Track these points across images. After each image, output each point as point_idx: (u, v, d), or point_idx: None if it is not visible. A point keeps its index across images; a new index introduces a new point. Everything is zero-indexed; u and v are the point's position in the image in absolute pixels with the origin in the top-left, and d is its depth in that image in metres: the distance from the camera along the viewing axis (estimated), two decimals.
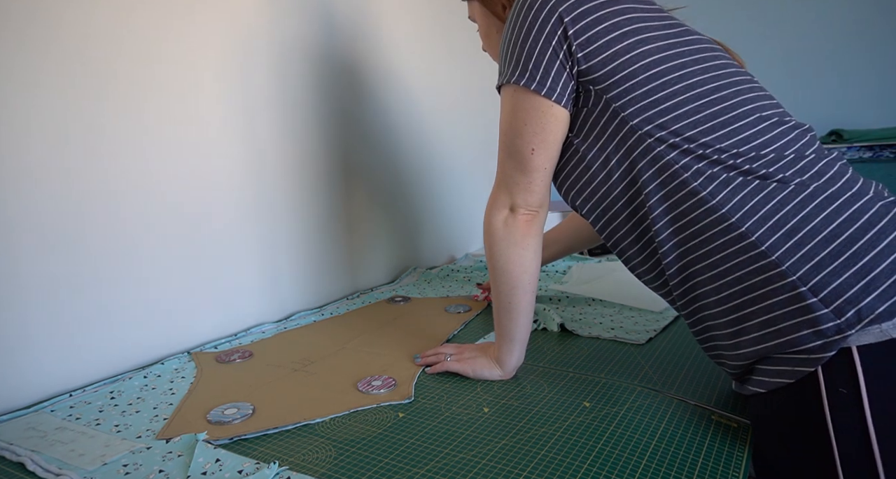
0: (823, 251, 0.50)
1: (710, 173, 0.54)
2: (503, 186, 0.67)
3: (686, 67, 0.57)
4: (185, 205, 0.88)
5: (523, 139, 0.63)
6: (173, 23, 0.84)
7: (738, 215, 0.53)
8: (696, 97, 0.56)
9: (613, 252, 0.68)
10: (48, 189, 0.71)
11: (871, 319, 0.47)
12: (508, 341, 0.72)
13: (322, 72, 1.12)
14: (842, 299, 0.48)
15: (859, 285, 0.48)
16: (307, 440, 0.60)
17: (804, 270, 0.50)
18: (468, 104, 1.66)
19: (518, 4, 0.63)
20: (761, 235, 0.52)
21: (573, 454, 0.56)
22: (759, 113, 0.56)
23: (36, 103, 0.70)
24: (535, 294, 0.71)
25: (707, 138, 0.55)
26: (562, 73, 0.59)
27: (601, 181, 0.62)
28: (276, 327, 1.00)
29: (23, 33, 0.68)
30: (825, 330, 0.49)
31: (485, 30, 0.81)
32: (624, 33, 0.58)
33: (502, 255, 0.68)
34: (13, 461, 0.57)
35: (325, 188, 1.15)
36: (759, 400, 0.57)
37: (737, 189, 0.53)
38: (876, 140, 1.62)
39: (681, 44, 0.59)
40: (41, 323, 0.71)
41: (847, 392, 0.49)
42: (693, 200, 0.55)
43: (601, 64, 0.58)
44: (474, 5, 0.81)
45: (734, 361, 0.57)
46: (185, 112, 0.87)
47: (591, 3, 0.59)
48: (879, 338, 0.48)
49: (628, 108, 0.57)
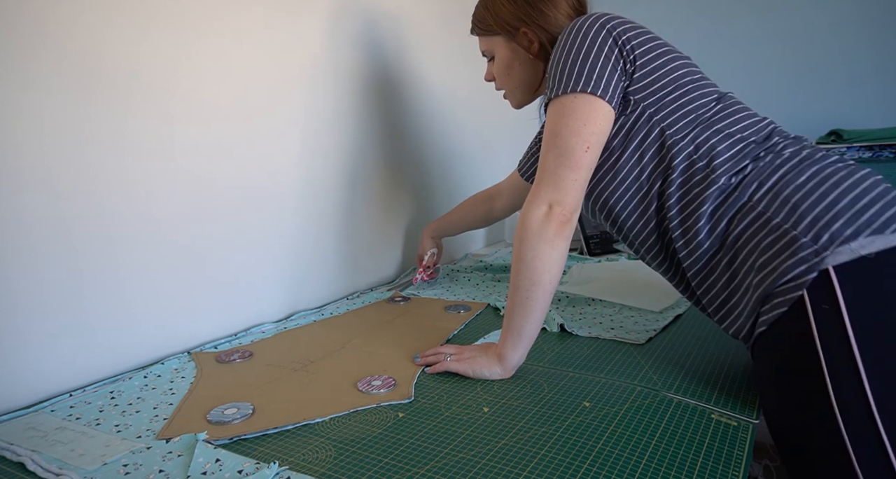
0: (797, 195, 0.62)
1: (713, 156, 0.68)
2: (548, 184, 0.71)
3: (697, 82, 0.73)
4: (185, 205, 0.88)
5: (580, 138, 0.70)
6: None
7: (733, 181, 0.67)
8: (706, 107, 0.72)
9: (625, 237, 0.78)
10: (48, 189, 0.71)
11: (841, 240, 0.58)
12: (516, 337, 0.73)
13: (318, 72, 1.12)
14: (816, 227, 0.59)
15: (828, 215, 0.59)
16: (307, 440, 0.60)
17: (785, 212, 0.62)
18: (472, 107, 1.66)
19: (574, 28, 0.74)
20: (751, 193, 0.65)
21: (573, 454, 0.56)
22: (747, 118, 0.71)
23: (35, 104, 0.70)
24: (552, 297, 0.73)
25: (715, 137, 0.69)
26: (618, 84, 0.71)
27: (635, 176, 0.73)
28: (276, 327, 1.00)
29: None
30: (806, 256, 0.59)
31: (507, 63, 0.90)
32: (659, 54, 0.72)
33: (531, 249, 0.70)
34: (13, 461, 0.57)
35: (326, 189, 1.15)
36: (761, 346, 0.64)
37: (733, 165, 0.67)
38: (876, 140, 1.62)
39: (690, 64, 0.75)
40: (41, 323, 0.71)
41: (829, 308, 0.57)
42: (701, 176, 0.68)
43: (643, 76, 0.72)
44: (495, 40, 0.90)
45: (745, 317, 0.65)
46: (188, 112, 0.87)
47: (636, 29, 0.74)
48: (851, 256, 0.57)
49: (660, 112, 0.71)
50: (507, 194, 1.24)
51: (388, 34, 1.33)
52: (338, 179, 1.18)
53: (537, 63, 0.87)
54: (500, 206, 1.25)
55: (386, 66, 1.32)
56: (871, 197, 0.60)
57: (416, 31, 1.43)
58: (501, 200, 1.25)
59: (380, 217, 1.32)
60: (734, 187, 0.66)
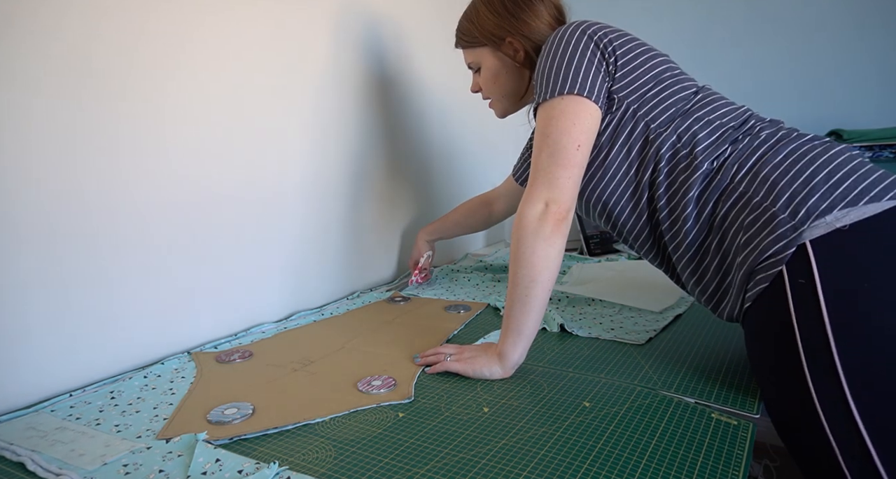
0: (775, 173, 0.65)
1: (694, 143, 0.71)
2: (542, 182, 0.73)
3: (676, 76, 0.76)
4: (186, 206, 0.88)
5: (571, 137, 0.72)
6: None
7: (715, 165, 0.70)
8: (686, 99, 0.75)
9: (619, 232, 0.80)
10: (48, 189, 0.71)
11: (817, 214, 0.60)
12: (516, 335, 0.73)
13: (319, 72, 1.12)
14: (794, 203, 0.62)
15: (805, 191, 0.62)
16: (307, 440, 0.60)
17: (764, 190, 0.64)
18: (471, 108, 1.66)
19: (557, 36, 0.78)
20: (732, 175, 0.68)
21: (573, 454, 0.56)
22: (725, 106, 0.74)
23: (36, 105, 0.69)
24: (549, 294, 0.73)
25: (696, 125, 0.72)
26: (602, 83, 0.74)
27: (624, 171, 0.76)
28: (276, 327, 1.00)
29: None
30: (784, 232, 0.61)
31: (493, 72, 0.93)
32: (638, 53, 0.76)
33: (529, 247, 0.71)
34: (13, 461, 0.57)
35: (326, 189, 1.15)
36: (748, 322, 0.67)
37: (713, 150, 0.70)
38: (876, 140, 1.62)
39: (669, 61, 0.78)
40: (41, 323, 0.71)
41: (804, 282, 0.59)
42: (685, 163, 0.71)
43: (625, 75, 0.75)
44: (481, 51, 0.93)
45: (734, 296, 0.68)
46: (190, 113, 0.87)
47: (615, 32, 0.77)
48: (826, 230, 0.59)
49: (643, 107, 0.74)
50: (504, 199, 1.26)
51: (389, 36, 1.33)
52: (338, 179, 1.18)
53: (523, 71, 0.92)
54: (498, 210, 1.27)
55: (388, 67, 1.32)
56: (845, 171, 0.62)
57: (416, 33, 1.44)
58: (499, 205, 1.26)
59: (380, 217, 1.32)
60: (716, 171, 0.69)
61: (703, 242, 0.70)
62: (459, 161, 1.65)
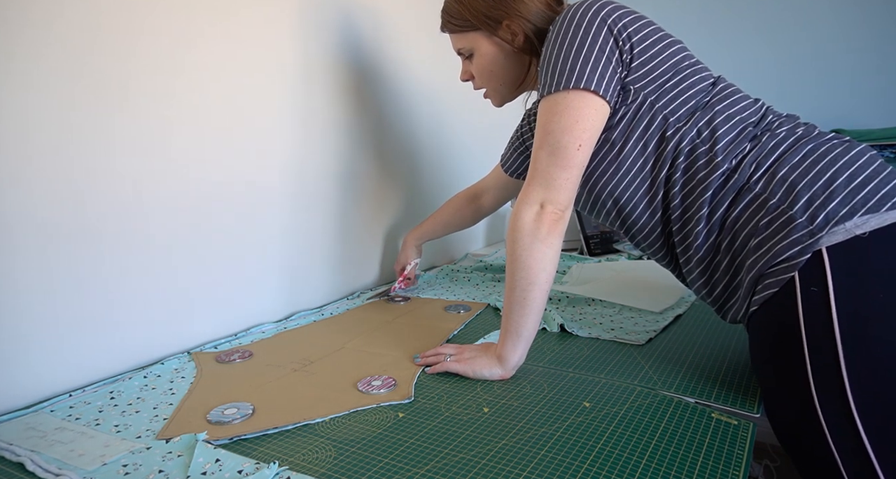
0: (793, 174, 0.61)
1: (715, 139, 0.67)
2: (539, 183, 0.70)
3: (694, 66, 0.71)
4: (185, 206, 0.88)
5: (572, 136, 0.68)
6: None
7: (733, 164, 0.66)
8: (705, 91, 0.70)
9: (628, 229, 0.77)
10: (48, 188, 0.71)
11: (836, 220, 0.57)
12: (515, 337, 0.73)
13: (313, 72, 1.12)
14: (813, 207, 0.59)
15: (824, 194, 0.59)
16: (307, 440, 0.60)
17: (781, 192, 0.61)
18: (470, 106, 1.66)
19: (567, 17, 0.71)
20: (749, 175, 0.65)
21: (573, 454, 0.56)
22: (743, 99, 0.71)
23: (34, 103, 0.69)
24: (547, 295, 0.72)
25: (717, 119, 0.68)
26: (613, 76, 0.69)
27: (640, 166, 0.71)
28: (276, 327, 1.00)
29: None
30: (800, 237, 0.58)
31: (490, 59, 0.84)
32: (656, 40, 0.71)
33: (526, 249, 0.70)
34: (13, 461, 0.57)
35: (325, 189, 1.15)
36: (753, 326, 0.65)
37: (734, 148, 0.66)
38: (876, 140, 1.62)
39: (685, 49, 0.73)
40: (41, 323, 0.71)
41: (817, 290, 0.56)
42: (704, 160, 0.67)
43: (642, 65, 0.69)
44: (474, 36, 0.84)
45: (742, 299, 0.65)
46: (191, 114, 0.87)
47: (631, 15, 0.71)
48: (845, 236, 0.57)
49: (661, 99, 0.69)
50: (492, 191, 1.20)
51: (367, 26, 1.33)
52: (338, 179, 1.18)
53: (522, 56, 0.83)
54: (487, 203, 1.22)
55: (378, 64, 1.32)
56: (868, 174, 0.59)
57: (397, 21, 1.43)
58: (487, 197, 1.21)
59: (380, 217, 1.32)
60: (733, 170, 0.66)
61: (714, 242, 0.68)
62: (459, 160, 1.64)
